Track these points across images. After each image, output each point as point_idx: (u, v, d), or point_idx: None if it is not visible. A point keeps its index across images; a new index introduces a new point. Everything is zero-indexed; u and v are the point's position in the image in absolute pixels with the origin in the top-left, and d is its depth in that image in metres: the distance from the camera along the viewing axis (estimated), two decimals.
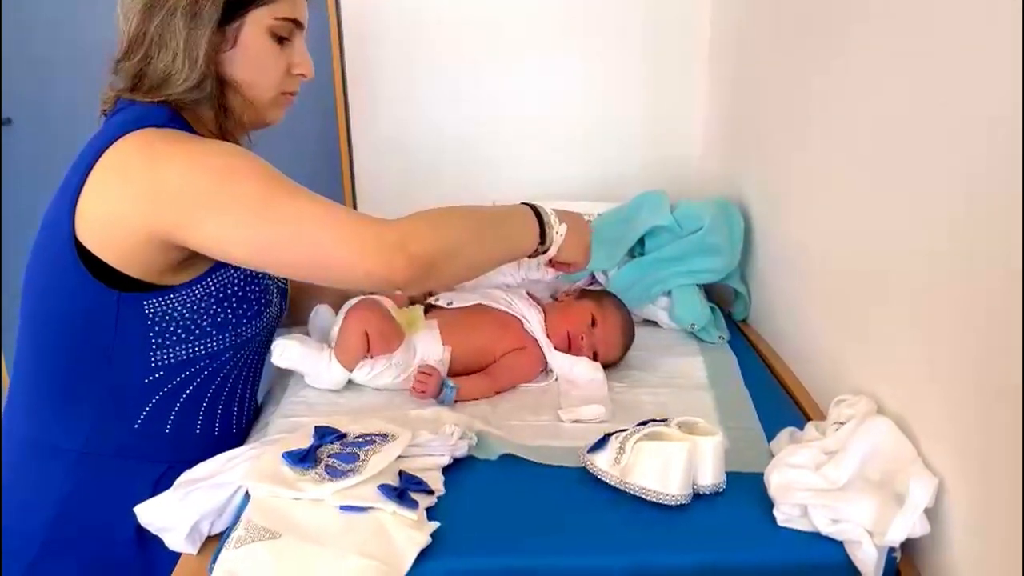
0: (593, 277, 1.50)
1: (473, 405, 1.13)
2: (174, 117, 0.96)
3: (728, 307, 1.54)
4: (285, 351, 1.13)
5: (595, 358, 1.23)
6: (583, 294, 1.33)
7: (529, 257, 1.09)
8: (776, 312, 1.38)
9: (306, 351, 1.14)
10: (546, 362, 1.23)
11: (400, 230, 0.91)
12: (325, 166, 1.96)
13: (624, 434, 0.92)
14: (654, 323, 1.45)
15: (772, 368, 1.30)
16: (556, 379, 1.21)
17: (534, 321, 1.24)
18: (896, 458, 0.85)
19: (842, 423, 0.92)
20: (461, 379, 1.16)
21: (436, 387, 1.12)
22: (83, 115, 1.03)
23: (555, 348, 1.23)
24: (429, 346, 1.17)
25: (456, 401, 1.13)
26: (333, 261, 0.89)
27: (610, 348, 1.25)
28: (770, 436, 1.01)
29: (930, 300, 0.85)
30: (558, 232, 1.07)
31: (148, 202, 0.89)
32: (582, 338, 1.23)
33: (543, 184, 1.83)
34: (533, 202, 1.09)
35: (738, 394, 1.17)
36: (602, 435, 0.94)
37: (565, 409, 1.10)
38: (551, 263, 1.12)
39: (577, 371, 1.21)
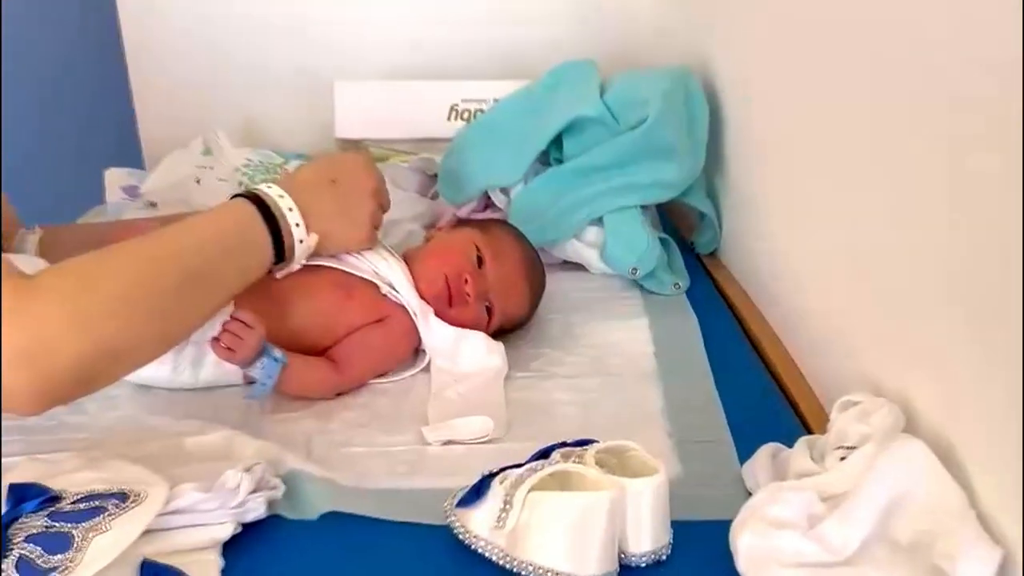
0: (488, 200, 1.18)
1: (293, 418, 0.82)
2: None
3: (688, 236, 1.26)
4: None
5: (490, 316, 0.93)
6: (460, 224, 1.04)
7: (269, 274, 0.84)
8: (759, 246, 1.08)
9: None
10: (419, 337, 0.91)
11: (33, 328, 0.64)
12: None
13: (514, 474, 0.65)
14: (579, 266, 1.16)
15: (749, 332, 1.02)
16: (427, 364, 0.90)
17: (395, 278, 0.91)
18: (936, 509, 0.62)
19: (851, 447, 0.67)
20: (297, 358, 0.83)
21: (253, 351, 0.78)
22: None
23: (435, 312, 0.91)
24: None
25: (279, 392, 0.81)
26: None
27: (510, 295, 0.94)
28: (743, 454, 0.75)
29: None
30: (300, 241, 0.82)
31: None
32: (466, 281, 0.91)
33: (416, 59, 1.52)
34: (258, 187, 0.83)
35: (698, 384, 0.89)
36: (478, 477, 0.66)
37: (432, 425, 0.79)
38: None
39: (465, 351, 0.89)
